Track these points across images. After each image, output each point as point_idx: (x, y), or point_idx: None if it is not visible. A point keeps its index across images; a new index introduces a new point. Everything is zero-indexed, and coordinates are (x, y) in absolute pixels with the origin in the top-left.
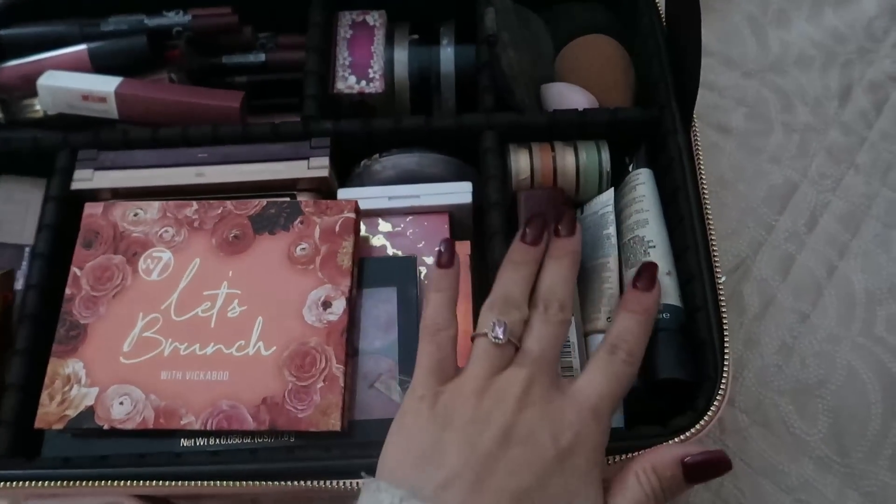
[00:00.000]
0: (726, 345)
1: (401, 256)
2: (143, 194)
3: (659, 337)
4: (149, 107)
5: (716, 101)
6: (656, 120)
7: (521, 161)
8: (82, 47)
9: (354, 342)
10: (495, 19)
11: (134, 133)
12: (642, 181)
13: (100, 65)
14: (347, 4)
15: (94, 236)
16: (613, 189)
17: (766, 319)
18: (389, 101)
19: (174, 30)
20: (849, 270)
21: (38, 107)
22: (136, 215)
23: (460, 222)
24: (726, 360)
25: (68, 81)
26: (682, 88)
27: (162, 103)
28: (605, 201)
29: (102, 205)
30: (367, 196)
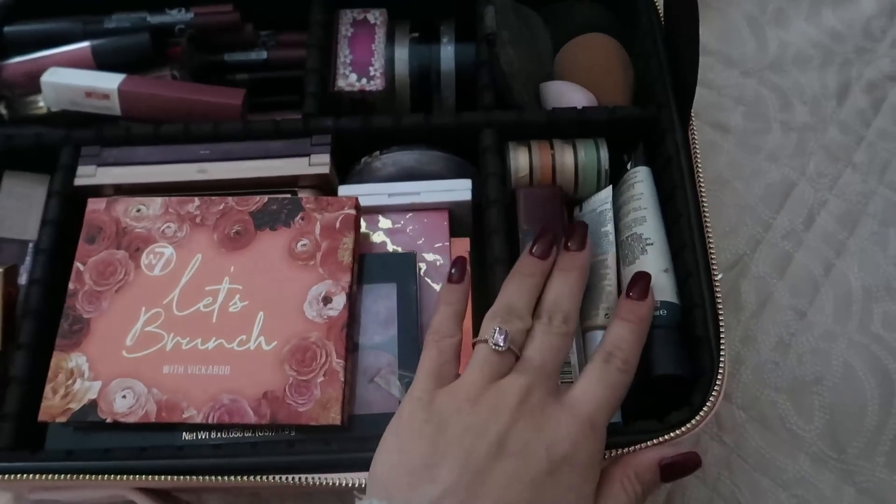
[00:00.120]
0: (722, 341)
1: (400, 253)
2: (146, 190)
3: (656, 334)
4: (151, 104)
5: (714, 100)
6: (654, 118)
7: (520, 159)
8: (85, 44)
9: (354, 337)
10: (495, 18)
11: (136, 130)
12: (640, 179)
13: (103, 62)
14: (349, 2)
15: (97, 232)
16: (612, 187)
17: (763, 316)
18: (390, 98)
19: (176, 27)
20: (846, 268)
21: (41, 103)
22: (139, 211)
23: (460, 219)
24: (722, 356)
25: (71, 78)
26: (680, 87)
27: (164, 100)
28: (603, 199)
29: (105, 201)
30: (368, 193)
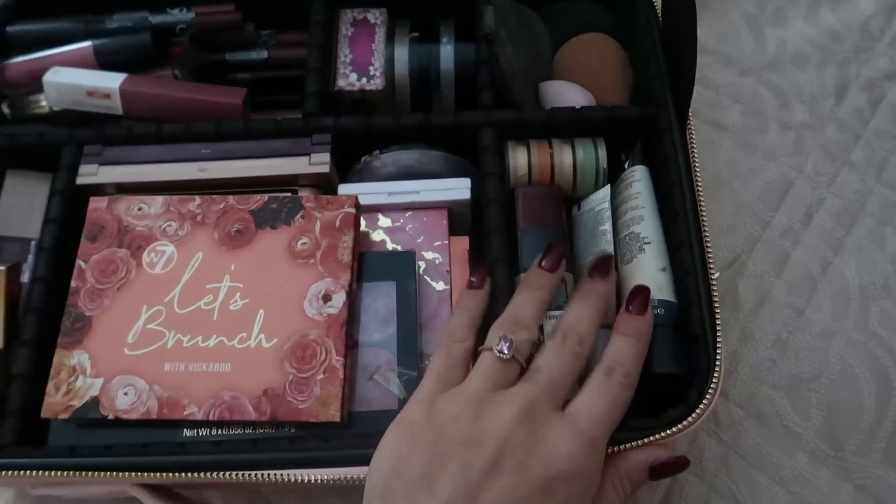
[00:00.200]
0: (719, 339)
1: (400, 251)
2: (147, 189)
3: (654, 332)
4: (153, 103)
5: (713, 99)
6: (652, 118)
7: (518, 158)
8: (87, 44)
9: (354, 335)
10: (494, 17)
11: (138, 129)
12: (638, 178)
13: (105, 61)
14: (349, 2)
15: (99, 230)
16: (610, 186)
17: (760, 314)
18: (390, 98)
19: (178, 27)
20: (843, 266)
21: (43, 103)
22: (140, 210)
23: (459, 218)
24: (718, 354)
25: (74, 78)
26: (678, 87)
27: (166, 99)
28: (601, 198)
29: (107, 199)
30: (367, 192)
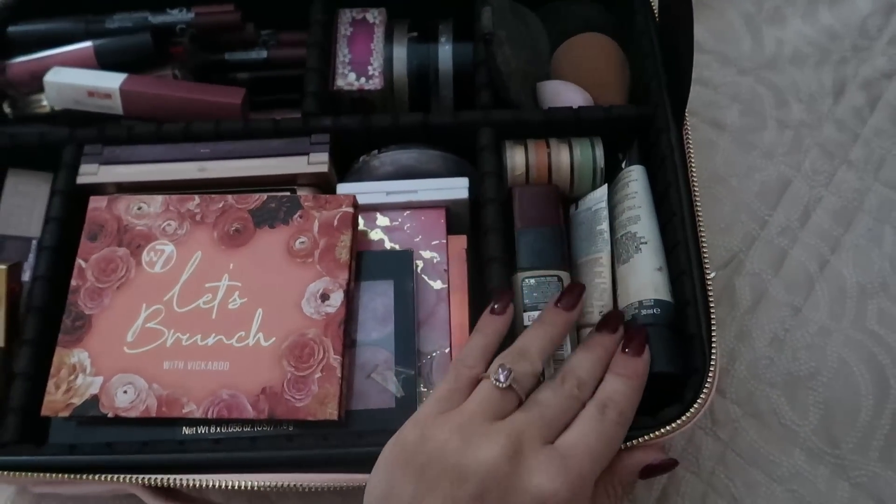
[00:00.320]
0: (714, 339)
1: (398, 250)
2: (147, 188)
3: (650, 332)
4: (153, 103)
5: (711, 98)
6: (649, 117)
7: (516, 157)
8: (88, 44)
9: (352, 334)
10: (492, 17)
11: (138, 128)
12: (635, 178)
13: (105, 61)
14: (348, 2)
15: (99, 229)
16: (607, 185)
17: (758, 313)
18: (388, 97)
19: (178, 27)
20: (841, 265)
21: (44, 102)
22: (140, 209)
23: (457, 217)
24: (714, 353)
25: (74, 78)
26: (675, 87)
27: (165, 99)
28: (598, 198)
29: (107, 198)
30: (366, 191)
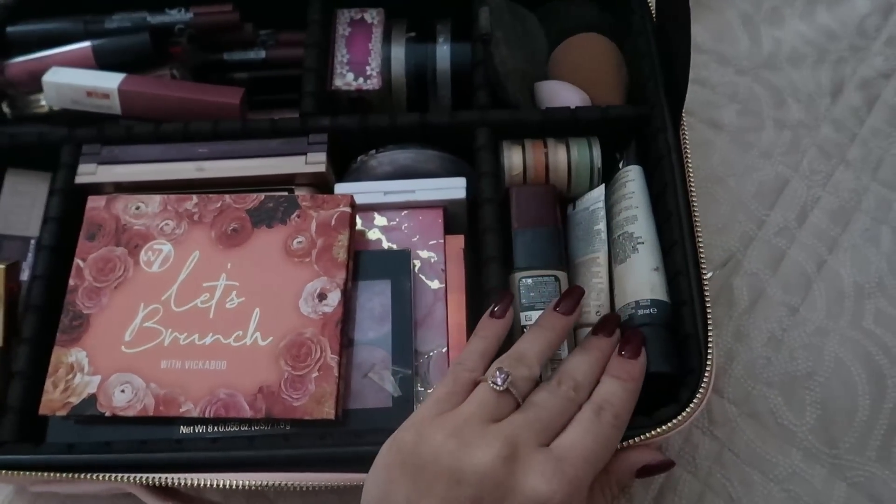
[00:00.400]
0: (710, 339)
1: (395, 250)
2: (145, 188)
3: (646, 332)
4: (151, 103)
5: (708, 98)
6: (647, 118)
7: (513, 157)
8: (87, 44)
9: (349, 333)
10: (489, 18)
11: (136, 128)
12: (632, 178)
13: (104, 61)
14: (346, 2)
15: (97, 229)
16: (604, 185)
17: (755, 312)
18: (386, 97)
19: (176, 27)
20: (838, 265)
21: (43, 102)
22: (138, 208)
23: (454, 217)
24: (710, 353)
25: (73, 78)
26: (672, 87)
27: (164, 99)
28: (595, 197)
29: (105, 198)
30: (364, 191)
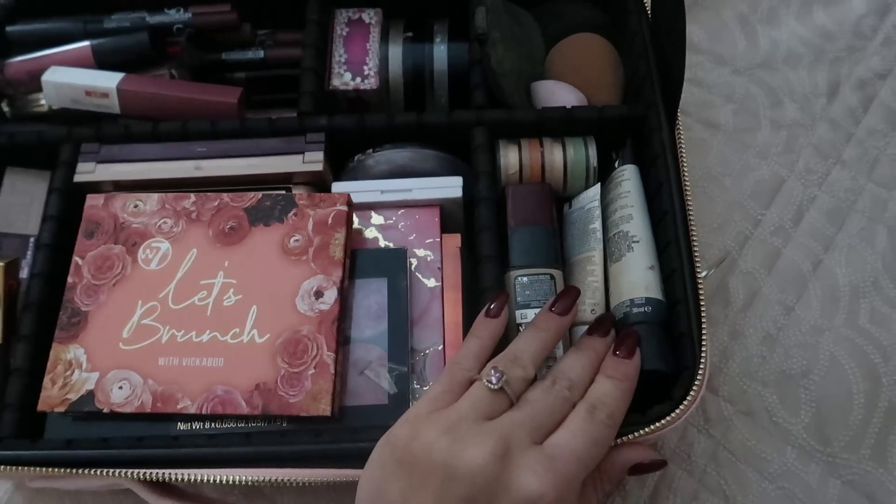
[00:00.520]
0: (704, 337)
1: (392, 248)
2: (144, 187)
3: (641, 330)
4: (150, 102)
5: (705, 98)
6: (642, 117)
7: (510, 156)
8: (86, 44)
9: (345, 331)
10: (485, 18)
11: (135, 127)
12: (628, 177)
13: (102, 61)
14: (344, 2)
15: (96, 227)
16: (600, 185)
17: (751, 311)
18: (384, 97)
19: (175, 27)
20: (833, 264)
21: (42, 101)
22: (136, 207)
23: (451, 216)
24: (704, 351)
25: (72, 77)
26: (667, 87)
27: (162, 99)
28: (591, 196)
29: (104, 196)
30: (360, 190)
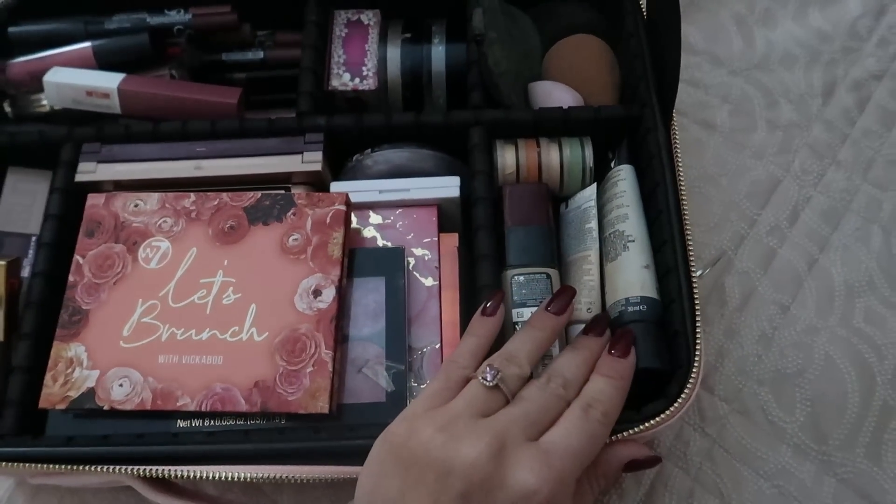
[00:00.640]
0: (699, 335)
1: (390, 247)
2: (144, 186)
3: (636, 328)
4: (150, 102)
5: (701, 98)
6: (638, 117)
7: (507, 156)
8: (87, 45)
9: (344, 329)
10: (483, 19)
11: (135, 127)
12: (623, 177)
13: (104, 61)
14: (343, 3)
15: (97, 226)
16: (596, 184)
17: (746, 311)
18: (382, 97)
19: (175, 28)
20: (829, 264)
21: (44, 102)
22: (137, 206)
23: (448, 215)
24: (698, 349)
25: (73, 78)
26: (663, 87)
27: (163, 99)
28: (587, 196)
29: (104, 196)
30: (359, 189)
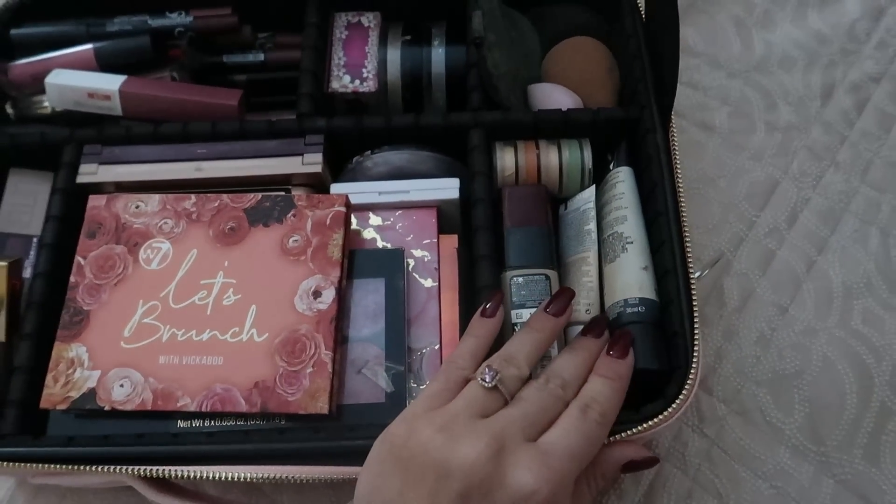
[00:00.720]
0: (696, 336)
1: (390, 249)
2: (145, 188)
3: (634, 329)
4: (151, 104)
5: (700, 100)
6: (637, 119)
7: (506, 158)
8: (88, 47)
9: (343, 330)
10: (482, 21)
11: (136, 129)
12: (622, 179)
13: (105, 63)
14: (343, 5)
15: (98, 227)
16: (595, 186)
17: (745, 312)
18: (382, 99)
19: (176, 30)
20: (827, 265)
21: (46, 103)
22: (138, 207)
23: (448, 216)
24: (696, 350)
25: (75, 79)
26: (661, 89)
27: (164, 101)
28: (586, 198)
29: (105, 197)
30: (359, 191)
